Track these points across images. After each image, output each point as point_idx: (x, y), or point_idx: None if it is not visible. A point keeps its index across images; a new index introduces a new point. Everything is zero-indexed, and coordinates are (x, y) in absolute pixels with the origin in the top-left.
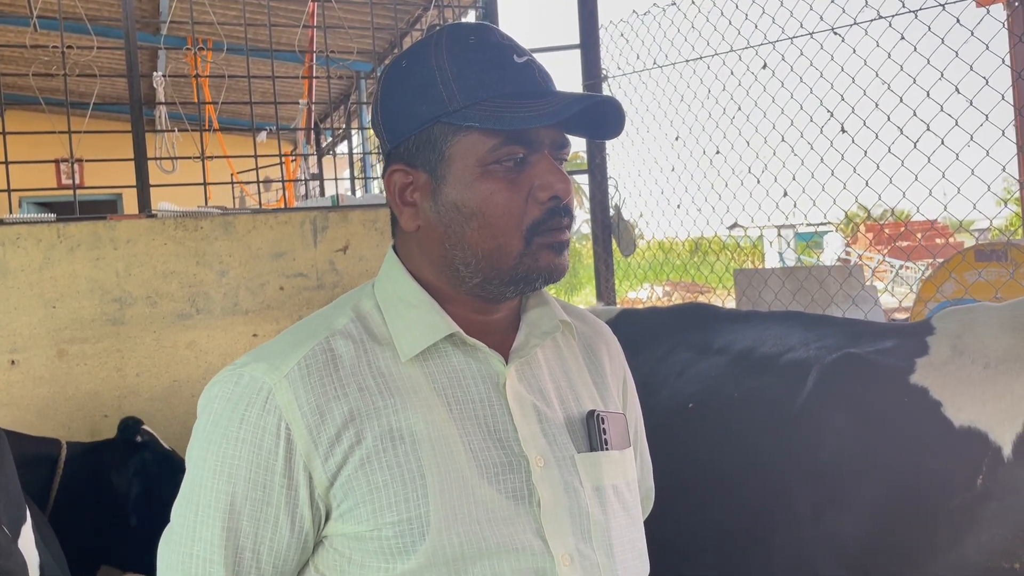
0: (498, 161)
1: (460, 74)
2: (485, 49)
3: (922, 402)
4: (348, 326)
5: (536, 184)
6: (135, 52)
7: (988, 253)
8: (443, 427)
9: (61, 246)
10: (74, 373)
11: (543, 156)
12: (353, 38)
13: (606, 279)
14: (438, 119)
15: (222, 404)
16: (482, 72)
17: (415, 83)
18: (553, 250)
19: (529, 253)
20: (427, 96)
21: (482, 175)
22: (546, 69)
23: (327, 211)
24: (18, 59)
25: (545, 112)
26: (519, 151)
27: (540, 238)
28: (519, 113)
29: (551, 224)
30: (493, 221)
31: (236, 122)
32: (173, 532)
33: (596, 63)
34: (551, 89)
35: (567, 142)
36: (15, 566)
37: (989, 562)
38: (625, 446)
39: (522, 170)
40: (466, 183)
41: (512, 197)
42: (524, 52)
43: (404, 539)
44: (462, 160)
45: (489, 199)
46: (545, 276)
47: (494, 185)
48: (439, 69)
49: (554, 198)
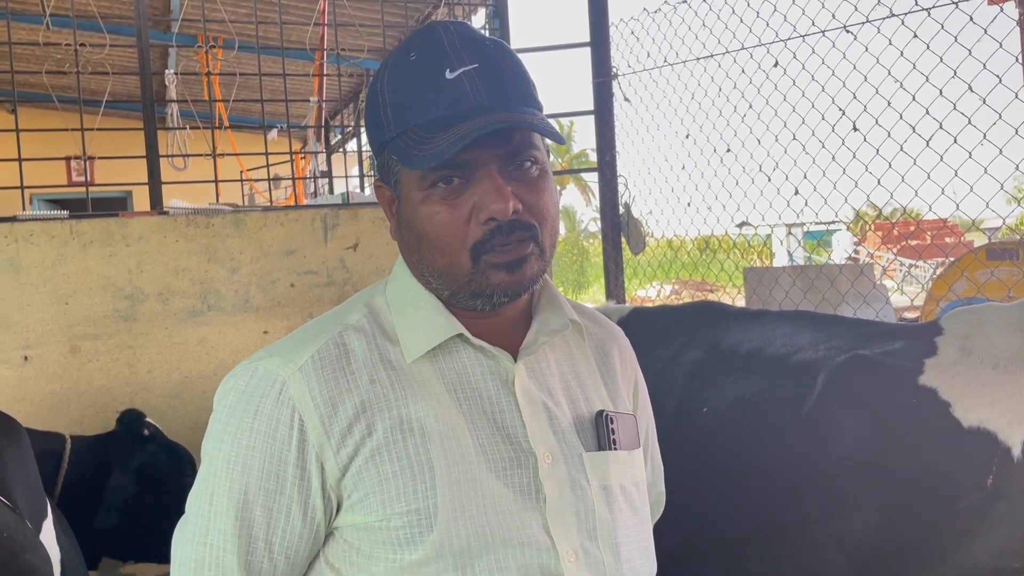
0: (434, 184)
1: (394, 99)
2: (420, 67)
3: (931, 403)
4: (361, 321)
5: (476, 204)
6: (147, 50)
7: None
8: (452, 421)
9: (74, 243)
10: (86, 369)
11: (486, 173)
12: (364, 36)
13: (615, 277)
14: (384, 146)
15: (237, 396)
16: (410, 96)
17: (371, 106)
18: (503, 269)
19: (478, 272)
20: (376, 121)
21: (424, 199)
22: (501, 68)
23: (337, 208)
24: (30, 57)
25: (436, 152)
26: (451, 175)
27: (488, 257)
28: (423, 150)
29: (494, 244)
30: (438, 243)
31: (247, 120)
32: (187, 522)
33: (606, 61)
34: (479, 104)
35: (523, 147)
36: (39, 560)
37: (999, 562)
38: (634, 447)
39: (464, 189)
40: (412, 205)
41: (451, 219)
42: (463, 61)
43: (412, 530)
44: (407, 183)
45: (429, 222)
46: (500, 293)
47: (434, 207)
48: (381, 92)
49: (492, 219)
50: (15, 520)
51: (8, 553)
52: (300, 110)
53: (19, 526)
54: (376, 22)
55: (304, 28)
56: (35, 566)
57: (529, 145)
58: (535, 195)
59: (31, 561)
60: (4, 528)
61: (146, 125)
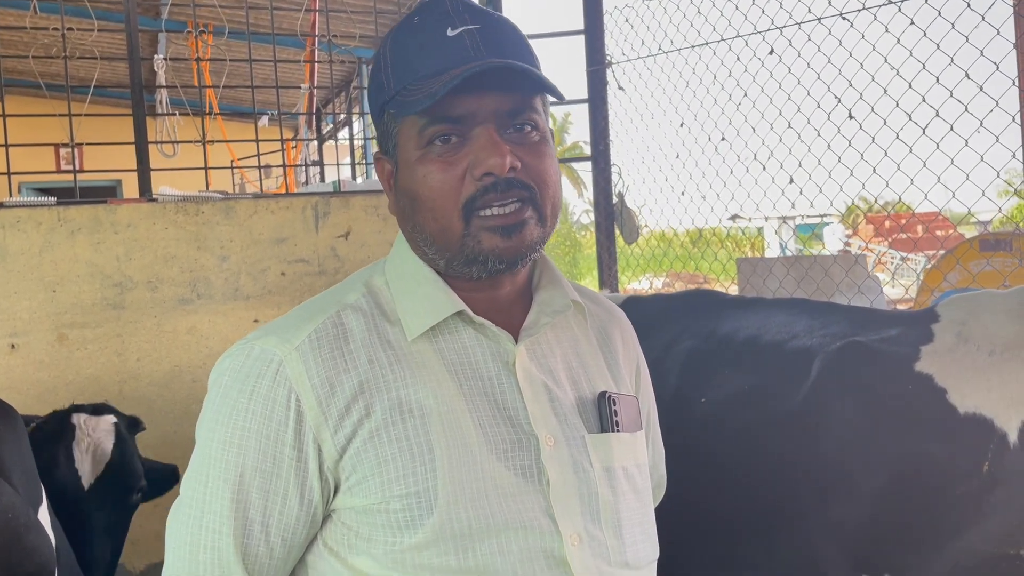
0: (431, 142)
1: (395, 59)
2: (422, 29)
3: (927, 389)
4: (359, 300)
5: (471, 161)
6: (136, 35)
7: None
8: (452, 402)
9: (62, 230)
10: (74, 358)
11: (483, 130)
12: (355, 23)
13: (609, 267)
14: (384, 107)
15: (232, 376)
16: (412, 54)
17: (374, 71)
18: (496, 233)
19: (470, 235)
20: (376, 84)
21: (420, 158)
22: (503, 31)
23: (329, 197)
24: (17, 43)
25: (429, 92)
26: (445, 129)
27: (479, 219)
28: (422, 91)
29: (487, 200)
30: (431, 204)
31: (237, 107)
32: (182, 504)
33: (600, 49)
34: (479, 58)
35: (522, 108)
36: (42, 543)
37: (995, 548)
38: (636, 429)
39: (460, 147)
40: (409, 167)
41: (446, 177)
42: (465, 21)
43: (412, 513)
44: (405, 145)
45: (424, 181)
46: (495, 259)
47: (429, 167)
48: (383, 56)
49: (488, 174)
50: (20, 502)
51: (14, 535)
52: (291, 98)
53: (24, 508)
54: (368, 9)
55: (295, 15)
56: (39, 548)
57: (529, 107)
58: (535, 158)
59: (35, 543)
60: (10, 509)
61: (135, 112)
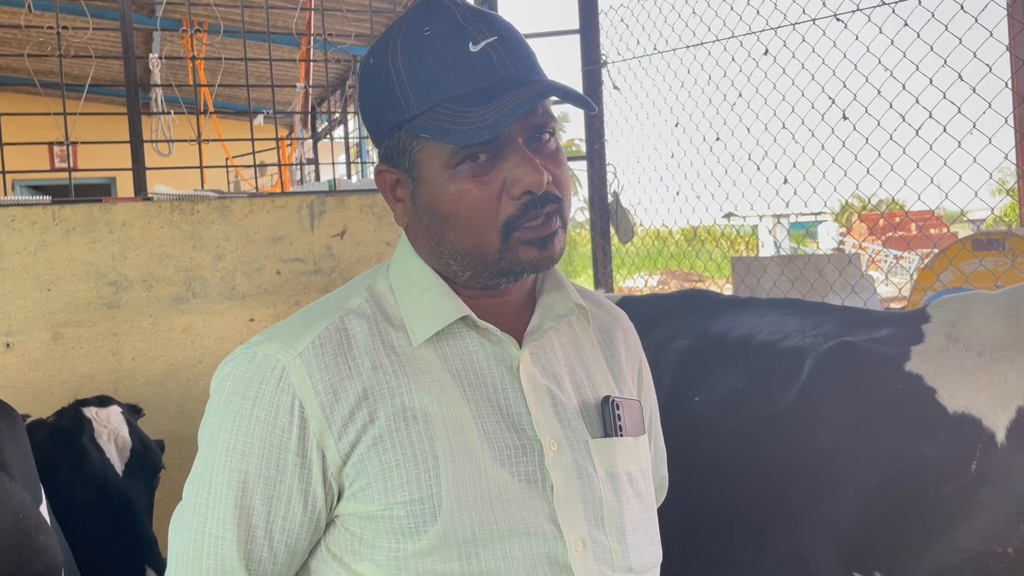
0: (463, 161)
1: (414, 76)
2: (438, 41)
3: (917, 389)
4: (362, 306)
5: (507, 179)
6: (131, 34)
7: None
8: (456, 408)
9: (56, 229)
10: (69, 357)
11: (514, 147)
12: (351, 21)
13: (604, 266)
14: (401, 126)
15: (235, 382)
16: (433, 72)
17: (380, 86)
18: (534, 246)
19: (508, 249)
20: (390, 102)
21: (451, 177)
22: (517, 39)
23: (324, 195)
24: (12, 40)
25: (487, 124)
26: (477, 151)
27: (519, 233)
28: (466, 125)
29: (527, 219)
30: (467, 223)
31: (232, 106)
32: (185, 510)
33: (596, 48)
34: (510, 76)
35: (545, 120)
36: (50, 543)
37: (982, 547)
38: (639, 433)
39: (492, 165)
40: (437, 185)
41: (482, 196)
42: (483, 34)
43: (416, 519)
44: (429, 164)
45: (459, 201)
46: (530, 269)
47: (463, 186)
48: (395, 71)
49: (527, 192)
50: (30, 502)
51: (25, 534)
52: (286, 96)
53: (33, 508)
54: (363, 7)
55: (290, 13)
56: (48, 548)
57: (550, 117)
58: (557, 166)
59: (44, 543)
60: (21, 509)
61: (130, 110)
